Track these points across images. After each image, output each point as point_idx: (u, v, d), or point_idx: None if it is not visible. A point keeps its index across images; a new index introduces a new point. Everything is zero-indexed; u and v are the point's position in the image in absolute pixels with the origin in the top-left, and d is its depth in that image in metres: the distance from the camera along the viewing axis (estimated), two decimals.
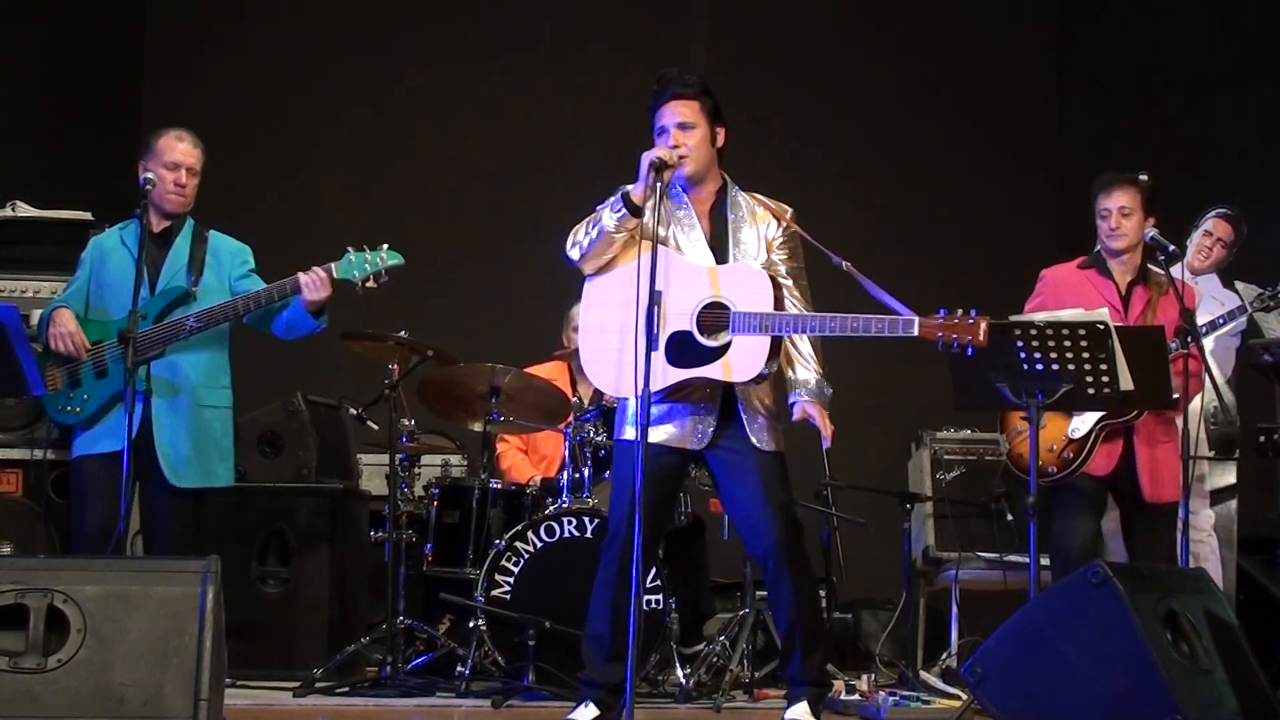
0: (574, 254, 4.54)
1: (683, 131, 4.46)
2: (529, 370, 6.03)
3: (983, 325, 4.20)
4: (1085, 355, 4.53)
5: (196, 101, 7.85)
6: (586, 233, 4.50)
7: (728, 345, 4.35)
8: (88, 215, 5.74)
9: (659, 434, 4.43)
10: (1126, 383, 4.55)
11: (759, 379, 4.39)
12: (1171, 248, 5.18)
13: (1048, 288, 5.24)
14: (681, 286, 4.38)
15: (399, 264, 5.05)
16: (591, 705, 4.46)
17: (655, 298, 4.20)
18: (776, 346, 4.38)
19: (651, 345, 4.17)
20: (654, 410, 4.35)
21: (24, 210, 5.95)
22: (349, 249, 5.03)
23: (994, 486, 6.14)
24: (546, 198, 8.09)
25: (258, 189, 8.03)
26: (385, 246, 5.05)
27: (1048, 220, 8.37)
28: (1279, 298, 5.43)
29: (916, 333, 4.23)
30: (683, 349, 4.37)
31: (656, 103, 4.52)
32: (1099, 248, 5.24)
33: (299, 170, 8.26)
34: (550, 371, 6.28)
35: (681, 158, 4.44)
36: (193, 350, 4.99)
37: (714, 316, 4.37)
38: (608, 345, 4.45)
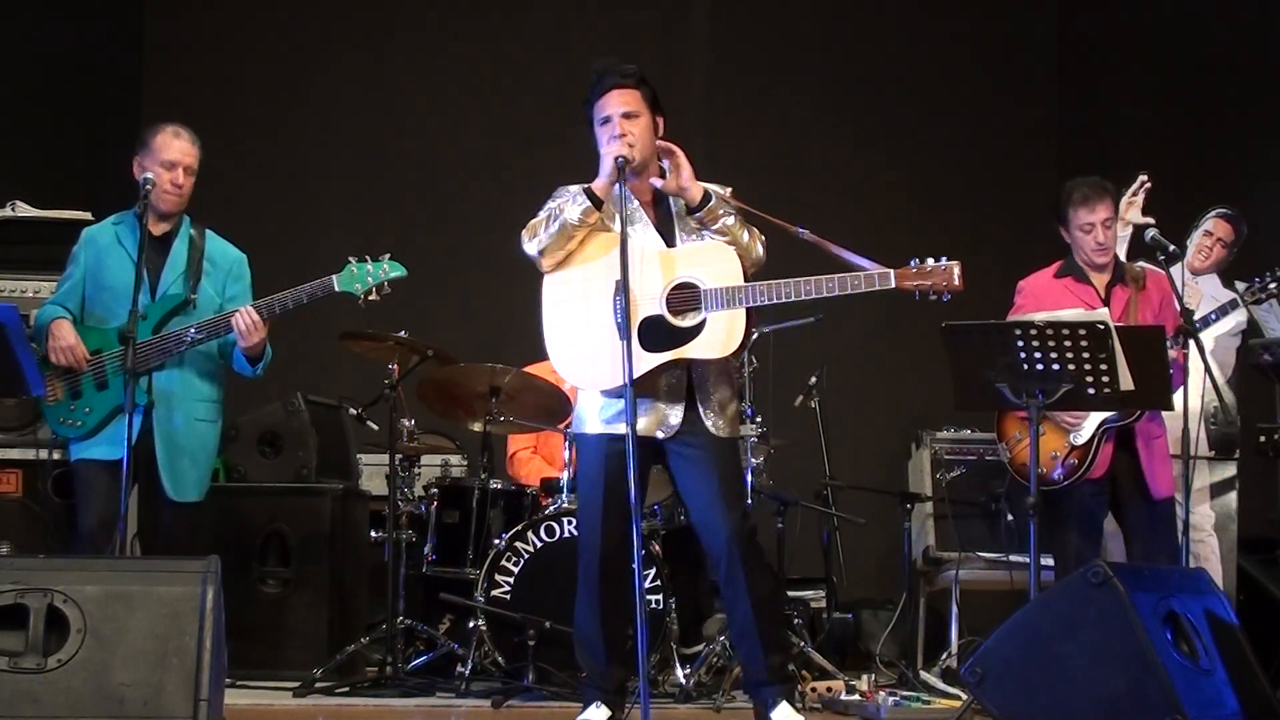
0: (531, 248, 4.53)
1: (628, 120, 4.46)
2: (529, 370, 6.03)
3: (955, 270, 4.27)
4: (1085, 355, 4.52)
5: (196, 101, 7.84)
6: (546, 227, 4.50)
7: (702, 323, 4.36)
8: (88, 215, 5.72)
9: (624, 426, 4.36)
10: (1127, 383, 4.55)
11: (737, 353, 4.41)
12: (1171, 248, 5.19)
13: (1028, 299, 5.23)
14: (646, 272, 4.40)
15: (401, 276, 5.03)
16: (603, 706, 4.45)
17: (622, 288, 4.20)
18: (751, 319, 4.40)
19: (623, 335, 4.17)
20: (619, 402, 4.34)
21: (24, 210, 5.95)
22: (350, 260, 5.00)
23: (994, 486, 6.14)
24: (547, 197, 8.09)
25: (257, 188, 8.03)
26: (387, 257, 5.02)
27: (1049, 221, 8.35)
28: (1268, 289, 5.40)
29: (893, 285, 4.27)
30: (655, 333, 4.37)
31: (595, 93, 4.51)
32: (1075, 257, 5.23)
33: (298, 170, 8.26)
34: (550, 370, 6.27)
35: (630, 146, 4.43)
36: (191, 364, 4.96)
37: (683, 296, 4.39)
38: (577, 339, 4.46)
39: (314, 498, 6.01)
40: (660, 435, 4.47)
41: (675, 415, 4.45)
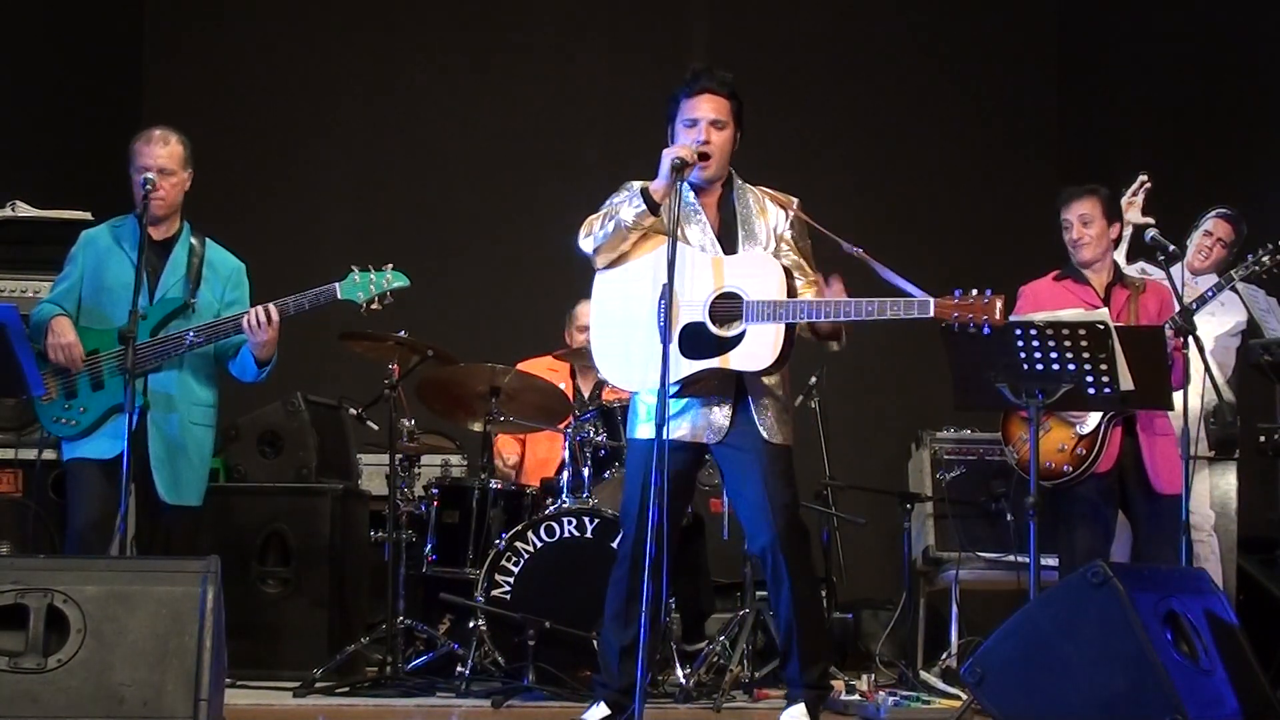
0: (587, 245, 4.51)
1: (714, 128, 4.44)
2: (521, 366, 6.03)
3: (998, 304, 4.20)
4: (1085, 355, 4.53)
5: (196, 101, 7.86)
6: (602, 225, 4.47)
7: (741, 335, 4.33)
8: (88, 215, 5.73)
9: (675, 429, 4.40)
10: (1126, 383, 4.55)
11: (774, 367, 4.36)
12: (1171, 248, 5.19)
13: (1028, 303, 5.24)
14: (693, 278, 4.36)
15: (404, 286, 5.01)
16: (603, 705, 4.46)
17: (667, 292, 4.19)
18: (790, 335, 4.36)
19: (666, 339, 4.17)
20: (669, 406, 4.31)
21: (24, 210, 5.95)
22: (353, 268, 4.98)
23: (994, 486, 6.14)
24: (546, 197, 8.10)
25: (257, 188, 8.04)
26: (390, 267, 5.01)
27: (1049, 222, 8.35)
28: (1262, 262, 5.36)
29: (932, 313, 4.21)
30: (696, 340, 4.35)
31: (687, 92, 4.47)
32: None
33: (299, 170, 8.26)
34: (547, 366, 6.28)
35: (706, 156, 4.41)
36: (188, 367, 4.95)
37: (727, 306, 4.36)
38: (619, 339, 4.45)
39: (314, 498, 6.01)
40: (708, 440, 4.47)
41: (724, 419, 4.44)
